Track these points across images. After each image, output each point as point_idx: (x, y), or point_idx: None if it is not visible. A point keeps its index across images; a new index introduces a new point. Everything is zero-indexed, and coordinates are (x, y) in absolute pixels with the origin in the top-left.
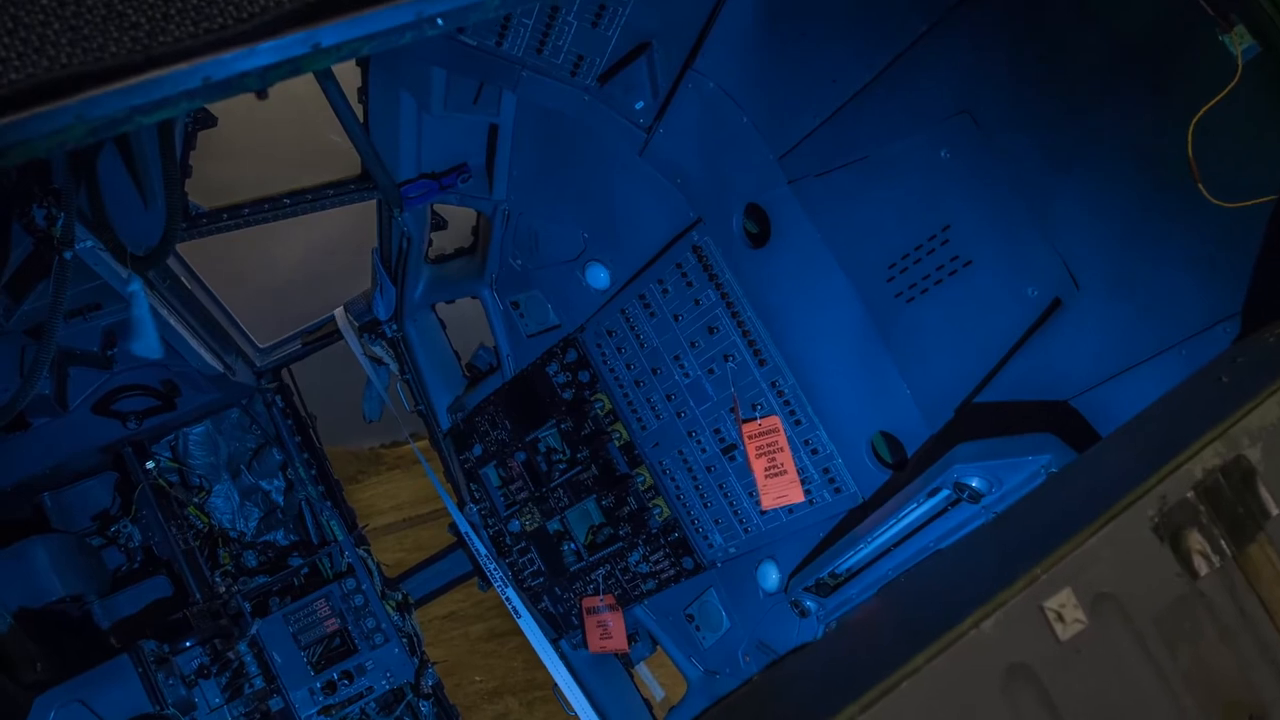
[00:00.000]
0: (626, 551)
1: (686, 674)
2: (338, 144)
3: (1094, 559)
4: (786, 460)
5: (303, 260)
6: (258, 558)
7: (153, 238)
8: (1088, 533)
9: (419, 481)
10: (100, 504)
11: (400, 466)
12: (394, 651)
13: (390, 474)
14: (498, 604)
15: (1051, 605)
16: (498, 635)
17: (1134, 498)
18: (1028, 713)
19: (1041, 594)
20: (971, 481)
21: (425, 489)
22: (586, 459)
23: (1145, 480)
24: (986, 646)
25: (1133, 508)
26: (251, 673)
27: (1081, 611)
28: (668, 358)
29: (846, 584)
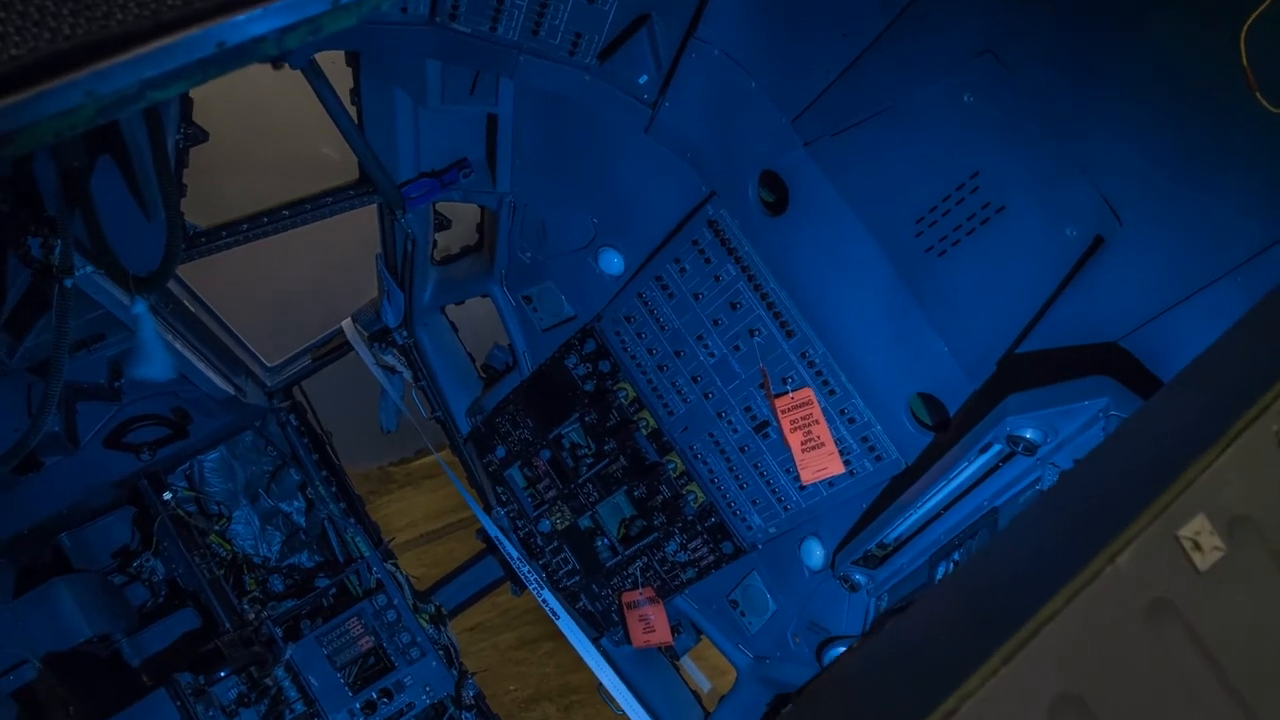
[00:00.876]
0: (663, 541)
1: (735, 662)
2: (332, 158)
3: (1223, 482)
4: (823, 432)
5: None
6: (284, 581)
7: (153, 260)
8: (1212, 455)
9: (431, 497)
10: (120, 540)
11: (411, 483)
12: (431, 665)
13: (401, 492)
14: (524, 611)
15: (1187, 534)
16: (528, 643)
17: (1256, 413)
18: (1175, 650)
19: (1175, 523)
20: (1025, 433)
21: (439, 504)
22: (614, 450)
23: (1264, 394)
24: (1124, 583)
25: (1255, 424)
26: (290, 698)
27: (1218, 538)
28: (690, 338)
29: (896, 553)
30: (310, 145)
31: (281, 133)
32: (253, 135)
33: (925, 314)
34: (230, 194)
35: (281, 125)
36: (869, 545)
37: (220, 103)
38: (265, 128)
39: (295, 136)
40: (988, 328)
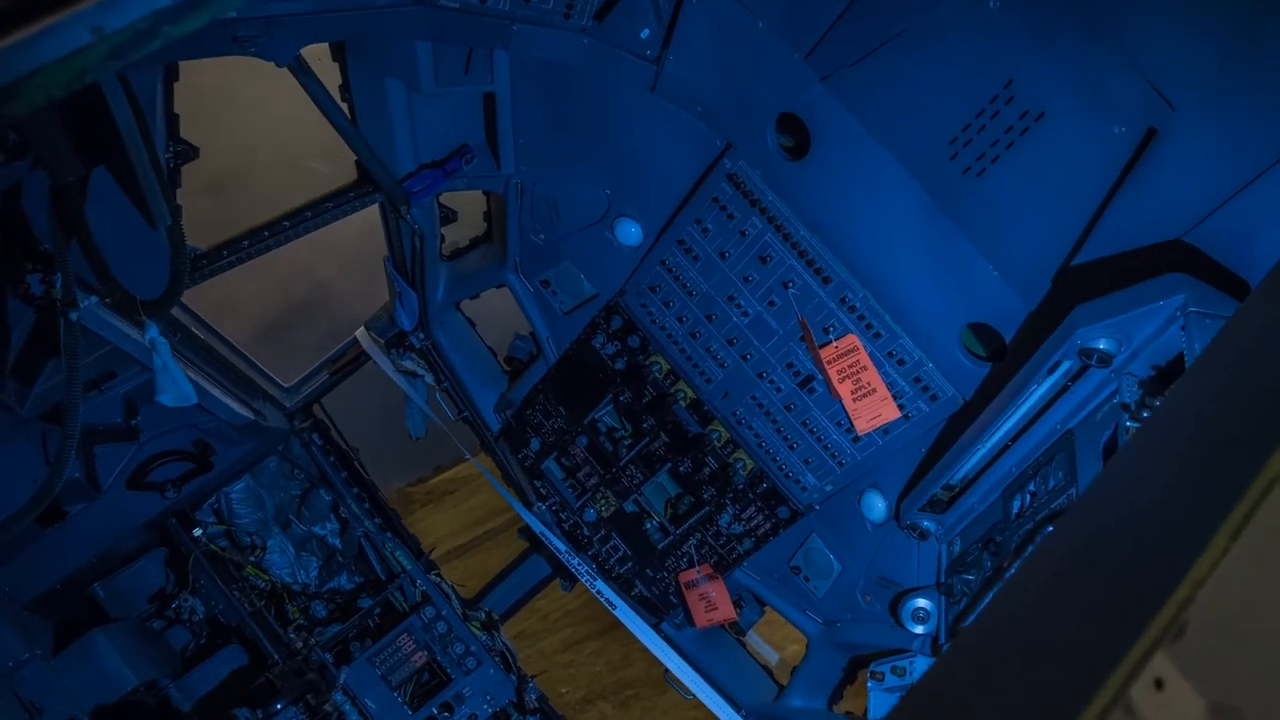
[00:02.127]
0: (715, 514)
1: (804, 629)
2: (320, 171)
3: None
4: (873, 378)
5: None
6: (326, 607)
7: (156, 285)
8: None
9: (453, 513)
10: (154, 583)
11: (431, 501)
12: (489, 673)
13: (423, 511)
14: (565, 614)
15: None
16: (573, 644)
17: None
18: None
19: None
20: (1098, 344)
21: (463, 518)
22: (653, 427)
23: None
24: None
25: None
26: None
27: None
28: (721, 300)
29: (964, 494)
30: (296, 157)
31: (266, 149)
32: (237, 152)
33: (969, 239)
34: (218, 214)
35: (265, 142)
36: (934, 489)
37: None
38: (248, 145)
39: (280, 152)
40: (1038, 244)
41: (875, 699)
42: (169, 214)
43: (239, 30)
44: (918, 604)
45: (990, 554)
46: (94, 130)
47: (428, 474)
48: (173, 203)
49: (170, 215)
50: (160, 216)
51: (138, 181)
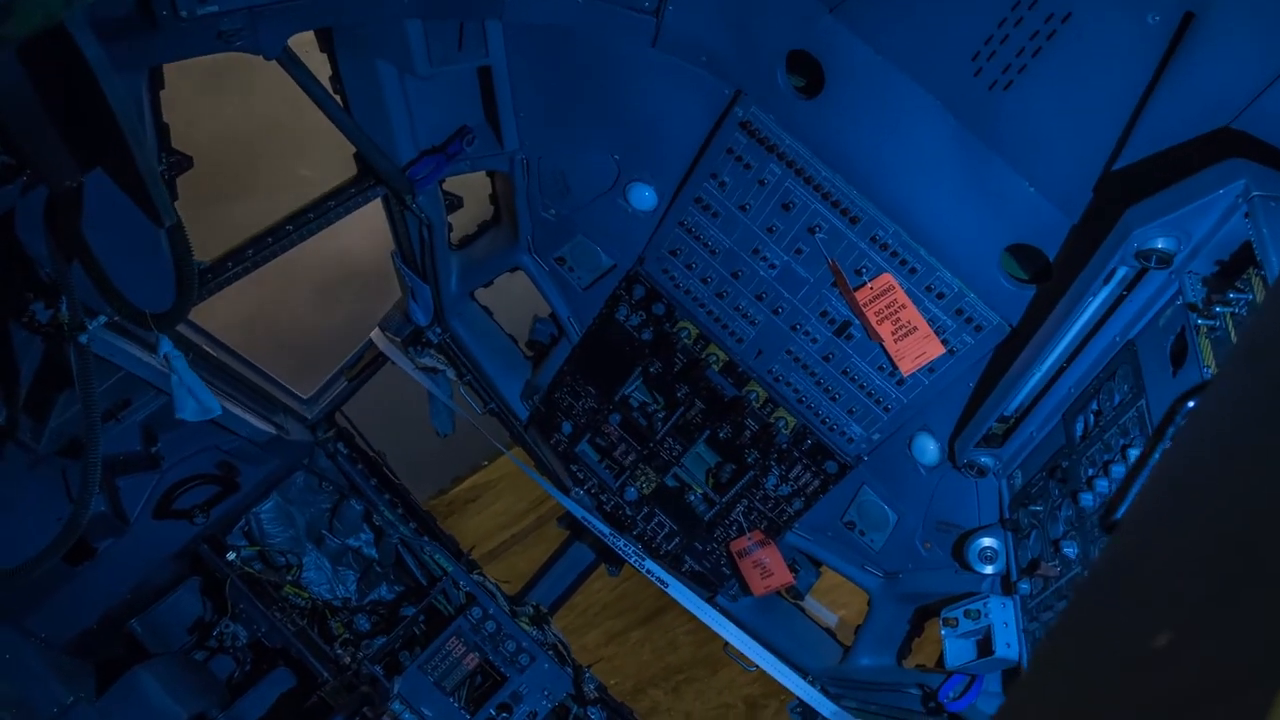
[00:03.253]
0: (760, 478)
1: (864, 585)
2: (307, 177)
3: None
4: (912, 316)
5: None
6: (369, 619)
7: (163, 299)
8: None
9: (476, 520)
10: (192, 614)
11: (454, 512)
12: (544, 667)
13: (446, 523)
14: (604, 608)
15: None
16: (615, 636)
17: None
18: None
19: None
20: (1156, 244)
21: (488, 524)
22: (688, 396)
23: None
24: None
25: None
26: None
27: None
28: (745, 255)
29: (1021, 423)
30: (288, 166)
31: (256, 158)
32: (226, 162)
33: (1001, 157)
34: (212, 224)
35: (254, 151)
36: (989, 423)
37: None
38: (236, 155)
39: (276, 155)
40: (1076, 153)
41: (951, 646)
42: (175, 211)
43: (222, 24)
44: (983, 544)
45: (1057, 481)
46: (88, 130)
47: (447, 485)
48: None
49: (175, 214)
50: (167, 212)
51: (139, 174)
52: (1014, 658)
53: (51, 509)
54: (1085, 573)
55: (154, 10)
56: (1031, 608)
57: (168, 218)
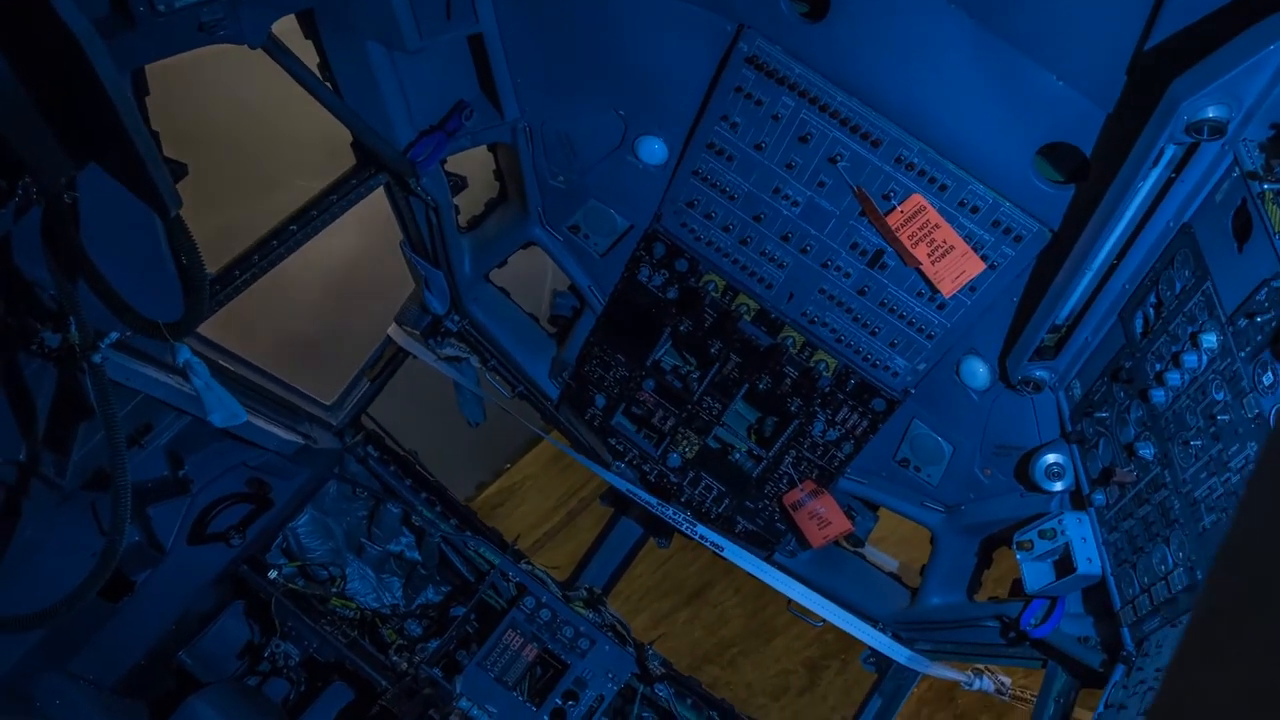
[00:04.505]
0: (806, 425)
1: (926, 522)
2: (304, 187)
3: None
4: (947, 235)
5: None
6: (420, 624)
7: (173, 309)
8: None
9: (505, 524)
10: (240, 639)
11: (482, 517)
12: (605, 649)
13: None
14: (647, 591)
15: None
16: (664, 618)
17: None
18: None
19: None
20: (1207, 113)
21: (517, 525)
22: (721, 351)
23: None
24: None
25: None
26: None
27: None
28: (766, 196)
29: (1075, 330)
30: (279, 174)
31: (250, 166)
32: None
33: (1023, 53)
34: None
35: (247, 159)
36: (1041, 334)
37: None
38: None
39: (268, 162)
40: (1103, 36)
41: (1028, 570)
42: (178, 195)
43: (202, 16)
44: (1048, 461)
45: (1121, 384)
46: (79, 116)
47: (471, 494)
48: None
49: (179, 199)
50: (172, 199)
51: (139, 157)
52: (1097, 572)
53: (85, 544)
54: (1164, 472)
55: (130, 8)
56: (1109, 518)
57: (173, 205)
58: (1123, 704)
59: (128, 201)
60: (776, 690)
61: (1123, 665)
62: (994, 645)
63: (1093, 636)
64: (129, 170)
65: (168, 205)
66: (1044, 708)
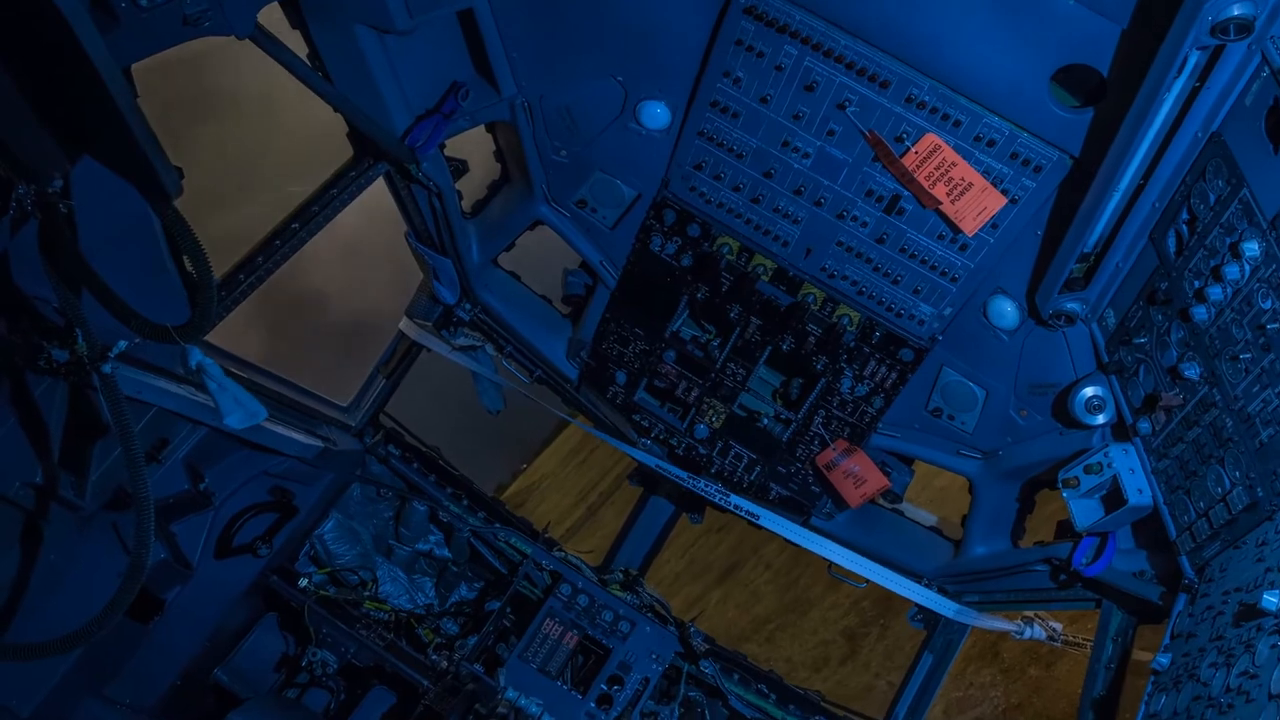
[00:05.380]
0: (834, 383)
1: (963, 471)
2: (296, 192)
3: None
4: (966, 172)
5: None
6: (455, 622)
7: (179, 313)
8: None
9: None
10: (276, 651)
11: None
12: (646, 630)
13: None
14: (678, 576)
15: None
16: (696, 600)
17: None
18: None
19: None
20: (1233, 11)
21: (538, 523)
22: (741, 314)
23: None
24: None
25: None
26: (534, 714)
27: None
28: (775, 151)
29: (1104, 257)
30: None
31: (242, 173)
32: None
33: None
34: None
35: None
36: (1070, 265)
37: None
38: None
39: (258, 168)
40: None
41: (1077, 508)
42: (178, 177)
43: (186, 8)
44: (1087, 394)
45: (1159, 306)
46: (69, 103)
47: (490, 496)
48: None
49: (179, 181)
50: (171, 181)
51: (134, 140)
52: (1148, 503)
53: (110, 566)
54: (1213, 391)
55: (112, 5)
56: (1157, 446)
57: (173, 187)
58: (1191, 632)
59: (124, 208)
60: (817, 662)
61: (1185, 594)
62: (1045, 590)
63: (1148, 570)
64: (123, 156)
65: (167, 189)
66: (1101, 648)
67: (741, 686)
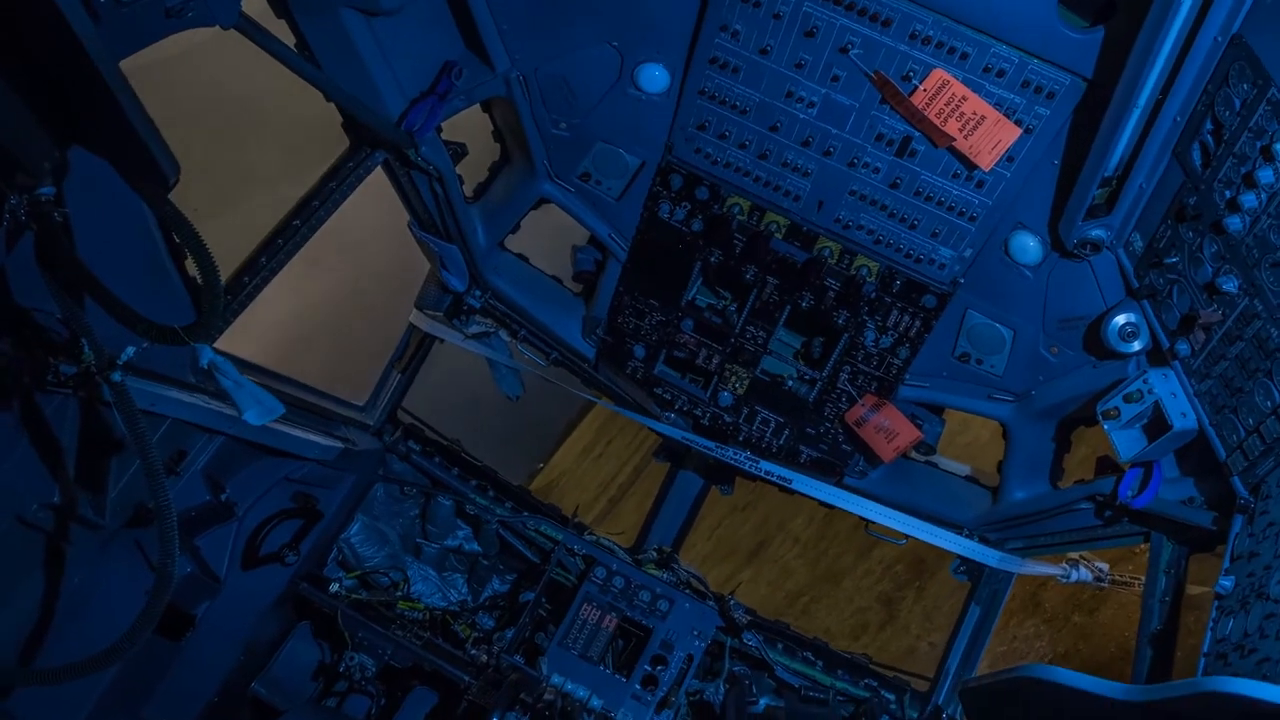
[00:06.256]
0: (856, 337)
1: (997, 415)
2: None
3: None
4: (977, 105)
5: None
6: (491, 616)
7: (183, 315)
8: None
9: None
10: (312, 660)
11: None
12: (685, 607)
13: None
14: (705, 558)
15: None
16: (726, 581)
17: None
18: None
19: None
20: None
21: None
22: (757, 275)
23: None
24: None
25: None
26: (581, 698)
27: None
28: (779, 103)
29: (1127, 180)
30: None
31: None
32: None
33: None
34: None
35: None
36: (1092, 191)
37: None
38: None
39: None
40: None
41: (1119, 439)
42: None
43: (168, 1)
44: (1120, 322)
45: (1189, 222)
46: (57, 85)
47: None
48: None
49: (176, 164)
50: (169, 164)
51: (127, 121)
52: (1193, 426)
53: (136, 585)
54: (1254, 302)
55: (92, 2)
56: (1198, 366)
57: (172, 171)
58: (1253, 552)
59: (119, 212)
60: (856, 630)
61: (1241, 515)
62: (1090, 529)
63: (1197, 496)
64: (118, 143)
65: (166, 173)
66: (1154, 582)
67: (787, 656)
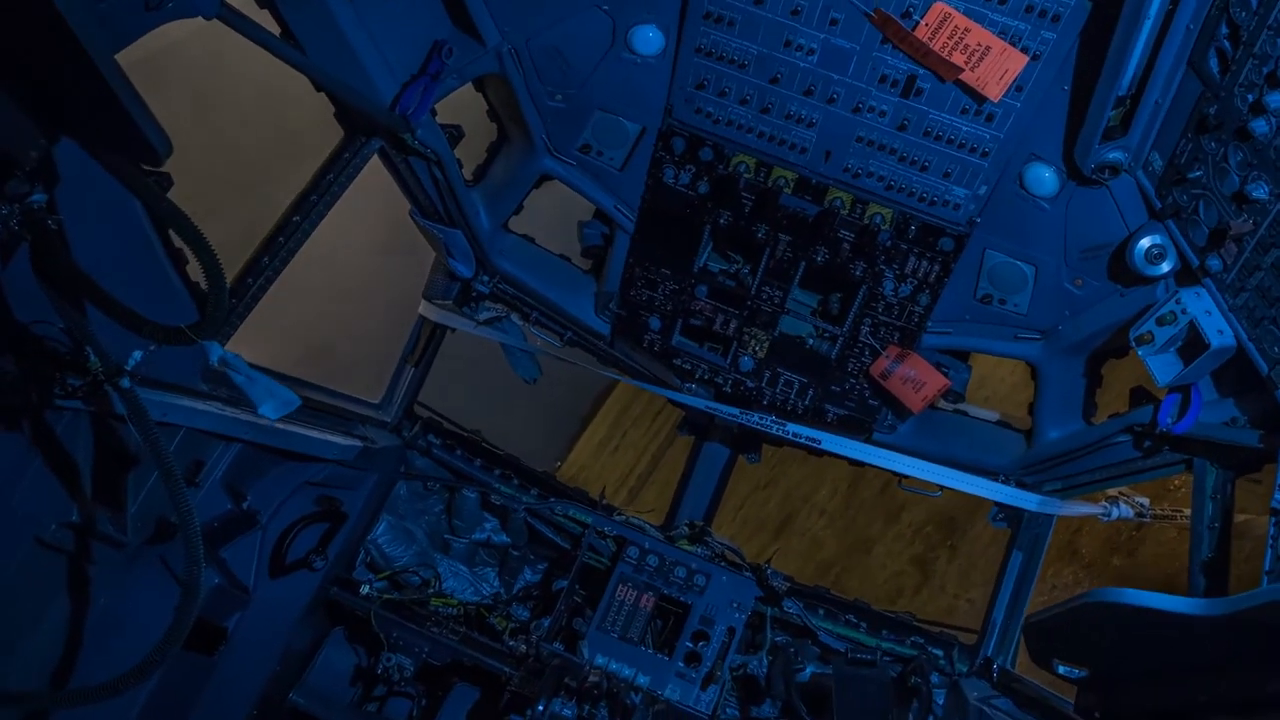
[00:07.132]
0: (875, 288)
1: (1025, 355)
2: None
3: None
4: (981, 35)
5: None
6: (525, 606)
7: (186, 316)
8: None
9: None
10: (348, 665)
11: None
12: (722, 580)
13: None
14: (732, 536)
15: None
16: (755, 558)
17: None
18: None
19: None
20: None
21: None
22: (769, 233)
23: None
24: None
25: None
26: (626, 676)
27: None
28: (778, 53)
29: (1142, 97)
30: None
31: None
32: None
33: None
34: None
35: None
36: (1106, 113)
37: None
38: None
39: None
40: None
41: (1155, 363)
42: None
43: None
44: (1145, 245)
45: (1210, 133)
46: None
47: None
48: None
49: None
50: (161, 142)
51: (115, 99)
52: (1231, 343)
53: (164, 601)
54: None
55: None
56: (1231, 281)
57: (163, 147)
58: None
59: (114, 216)
60: (892, 595)
61: None
62: (1128, 461)
63: (1239, 416)
64: (106, 124)
65: (157, 149)
66: (1201, 509)
67: (829, 621)
